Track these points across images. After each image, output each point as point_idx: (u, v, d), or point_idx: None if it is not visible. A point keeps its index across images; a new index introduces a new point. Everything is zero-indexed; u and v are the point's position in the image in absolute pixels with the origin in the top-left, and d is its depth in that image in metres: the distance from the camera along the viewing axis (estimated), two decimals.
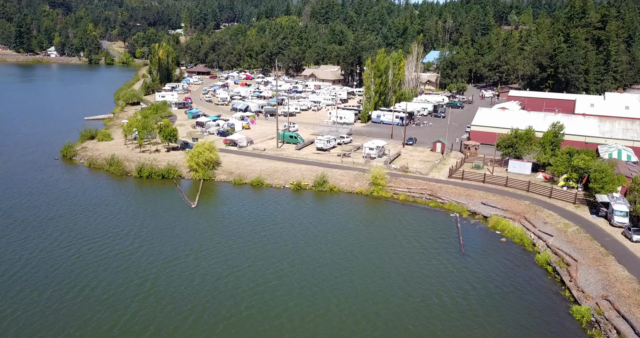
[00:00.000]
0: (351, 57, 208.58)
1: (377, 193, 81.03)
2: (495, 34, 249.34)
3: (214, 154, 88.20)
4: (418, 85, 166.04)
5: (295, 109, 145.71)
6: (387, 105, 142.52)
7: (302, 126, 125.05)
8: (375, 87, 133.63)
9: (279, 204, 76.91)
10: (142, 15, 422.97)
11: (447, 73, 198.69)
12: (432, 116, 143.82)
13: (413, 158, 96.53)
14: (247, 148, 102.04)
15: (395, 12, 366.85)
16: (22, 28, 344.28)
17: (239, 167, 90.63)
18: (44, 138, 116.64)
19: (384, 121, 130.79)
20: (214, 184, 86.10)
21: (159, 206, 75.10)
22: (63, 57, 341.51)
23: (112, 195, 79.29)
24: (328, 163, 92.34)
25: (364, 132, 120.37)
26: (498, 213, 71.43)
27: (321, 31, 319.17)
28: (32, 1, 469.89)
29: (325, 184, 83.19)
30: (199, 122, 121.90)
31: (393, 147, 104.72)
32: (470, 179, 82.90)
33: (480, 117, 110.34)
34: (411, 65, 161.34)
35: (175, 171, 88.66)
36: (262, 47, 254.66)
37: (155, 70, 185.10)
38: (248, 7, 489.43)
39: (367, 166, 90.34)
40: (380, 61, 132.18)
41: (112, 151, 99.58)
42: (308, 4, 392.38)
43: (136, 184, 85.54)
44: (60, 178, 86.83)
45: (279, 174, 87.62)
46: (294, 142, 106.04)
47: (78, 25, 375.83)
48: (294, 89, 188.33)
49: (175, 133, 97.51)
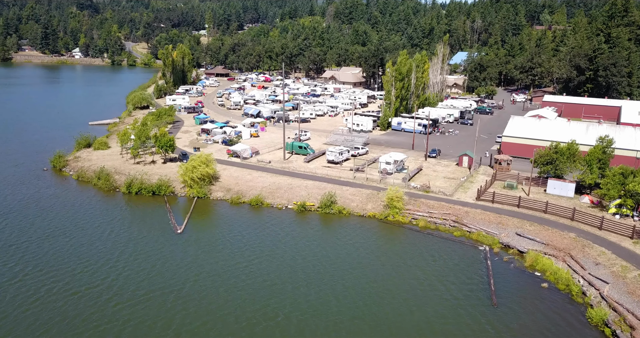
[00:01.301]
0: (373, 59, 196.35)
1: (392, 218, 69.18)
2: (527, 34, 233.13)
3: (210, 169, 77.75)
4: (443, 89, 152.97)
5: (310, 114, 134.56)
6: (409, 111, 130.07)
7: (316, 134, 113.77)
8: (396, 92, 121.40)
9: (277, 230, 65.82)
10: (166, 17, 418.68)
11: (475, 76, 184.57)
12: (459, 123, 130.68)
13: (436, 174, 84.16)
14: (251, 160, 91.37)
15: (421, 11, 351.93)
16: (47, 29, 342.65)
17: (239, 183, 79.95)
18: (41, 145, 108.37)
19: (405, 128, 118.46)
20: (208, 203, 75.59)
21: (142, 230, 64.89)
22: (87, 59, 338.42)
23: (92, 216, 69.51)
24: (339, 179, 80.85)
25: (382, 141, 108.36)
26: (537, 248, 58.74)
27: (344, 32, 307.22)
28: (61, 3, 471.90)
29: (333, 205, 71.75)
30: (205, 130, 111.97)
31: (414, 160, 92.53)
32: (502, 202, 70.21)
33: (513, 127, 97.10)
34: (436, 67, 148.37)
35: (168, 187, 78.54)
36: (282, 48, 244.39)
37: (168, 72, 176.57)
38: (272, 7, 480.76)
39: (382, 184, 78.50)
40: (402, 63, 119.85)
41: (105, 161, 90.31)
42: (332, 4, 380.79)
43: (123, 202, 75.68)
44: (43, 194, 77.63)
45: (282, 192, 76.56)
46: (303, 153, 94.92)
47: (102, 26, 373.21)
48: (311, 92, 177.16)
49: (172, 143, 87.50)
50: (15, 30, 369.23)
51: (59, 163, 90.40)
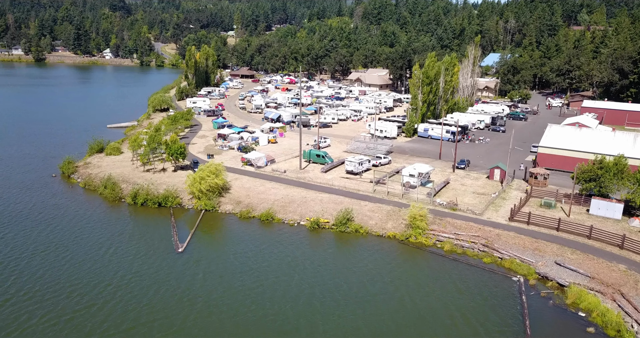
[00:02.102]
0: (401, 61, 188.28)
1: (415, 239, 62.07)
2: (563, 35, 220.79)
3: (219, 180, 72.14)
4: (474, 93, 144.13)
5: (332, 119, 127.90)
6: (436, 117, 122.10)
7: (336, 140, 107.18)
8: (424, 97, 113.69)
9: (287, 251, 59.59)
10: (195, 17, 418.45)
11: (508, 79, 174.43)
12: (490, 129, 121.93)
13: (464, 189, 76.45)
14: (265, 169, 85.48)
15: (452, 12, 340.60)
16: (80, 30, 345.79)
17: (250, 195, 74.10)
18: (57, 148, 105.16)
19: (432, 135, 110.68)
20: (216, 217, 69.96)
21: (141, 248, 59.65)
22: (117, 59, 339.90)
23: (92, 230, 64.75)
24: (357, 192, 74.10)
25: (406, 149, 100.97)
26: (581, 282, 50.82)
27: (372, 32, 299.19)
28: (94, 5, 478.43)
29: (349, 223, 65.11)
30: (221, 135, 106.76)
31: (440, 171, 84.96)
32: (539, 224, 62.23)
33: (551, 137, 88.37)
34: (467, 70, 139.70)
35: (175, 198, 73.29)
36: (308, 49, 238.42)
37: (191, 74, 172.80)
38: (300, 8, 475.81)
39: (405, 199, 71.41)
40: (430, 66, 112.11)
41: (115, 168, 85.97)
42: (360, 4, 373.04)
43: (127, 214, 70.81)
44: (47, 204, 73.46)
45: (295, 206, 70.31)
46: (321, 162, 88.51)
47: (133, 27, 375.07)
48: (335, 95, 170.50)
49: (183, 150, 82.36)
50: (50, 31, 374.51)
51: (68, 169, 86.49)
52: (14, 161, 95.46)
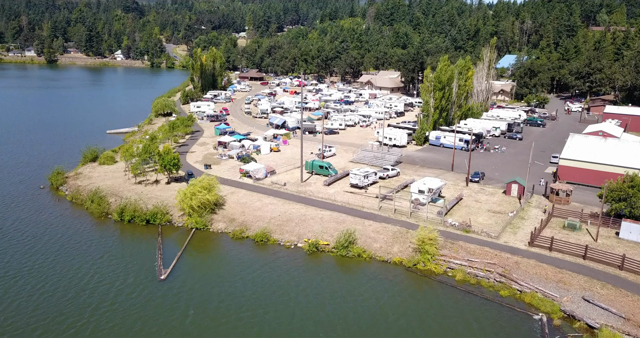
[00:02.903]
0: (413, 63, 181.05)
1: (423, 266, 55.49)
2: (582, 36, 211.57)
3: (212, 196, 66.24)
4: (489, 97, 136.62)
5: (340, 124, 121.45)
6: (449, 123, 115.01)
7: (342, 148, 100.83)
8: (436, 102, 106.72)
9: (280, 279, 53.41)
10: (207, 19, 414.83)
11: (524, 82, 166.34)
12: (506, 137, 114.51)
13: (479, 206, 69.55)
14: (264, 181, 79.44)
15: (466, 12, 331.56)
16: (92, 32, 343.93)
17: (245, 211, 68.09)
18: (51, 156, 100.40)
19: (444, 144, 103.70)
20: (206, 237, 64.06)
21: (120, 275, 53.91)
22: (128, 61, 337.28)
23: (72, 250, 59.26)
24: (361, 209, 67.69)
25: (417, 159, 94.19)
26: (614, 324, 43.86)
27: (384, 34, 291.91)
28: (108, 6, 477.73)
29: (351, 246, 58.72)
30: (221, 142, 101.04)
31: (452, 185, 78.11)
32: (563, 251, 55.24)
33: (573, 148, 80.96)
34: (481, 73, 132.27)
35: (164, 214, 67.54)
36: (318, 51, 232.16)
37: (197, 77, 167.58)
38: (313, 9, 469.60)
39: (413, 218, 64.84)
40: (443, 70, 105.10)
41: (106, 180, 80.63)
42: (373, 5, 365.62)
43: (112, 232, 65.24)
44: (29, 220, 68.18)
45: (293, 225, 64.12)
46: (324, 173, 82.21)
47: (144, 29, 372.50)
48: (344, 98, 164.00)
49: (176, 162, 76.64)
50: (64, 32, 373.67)
51: (56, 180, 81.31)
52: (5, 170, 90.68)
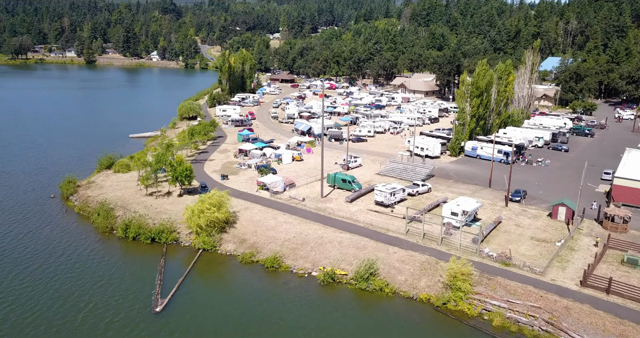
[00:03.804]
0: (449, 66, 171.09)
1: (455, 305, 47.58)
2: (633, 37, 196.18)
3: (221, 214, 60.07)
4: (531, 104, 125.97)
5: (369, 131, 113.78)
6: (487, 132, 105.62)
7: (369, 158, 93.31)
8: (472, 110, 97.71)
9: (290, 315, 46.54)
10: (242, 20, 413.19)
11: (569, 86, 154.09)
12: (550, 148, 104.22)
13: (520, 232, 60.83)
14: (282, 195, 72.82)
15: (506, 12, 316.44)
16: (129, 33, 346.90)
17: (257, 231, 61.65)
18: (71, 162, 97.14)
19: (481, 155, 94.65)
20: (213, 260, 57.91)
21: (115, 302, 48.33)
22: (163, 61, 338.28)
23: (70, 273, 54.16)
24: (385, 233, 60.15)
25: (450, 172, 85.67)
26: None
27: (420, 35, 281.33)
28: (147, 8, 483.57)
29: (372, 278, 51.32)
30: (242, 150, 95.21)
31: (490, 205, 69.49)
32: (623, 295, 46.24)
33: (630, 165, 70.91)
34: (523, 78, 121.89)
35: (171, 232, 61.88)
36: (350, 52, 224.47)
37: (225, 79, 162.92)
38: (348, 10, 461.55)
39: (444, 245, 56.87)
40: (481, 75, 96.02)
41: (117, 190, 75.87)
42: (409, 5, 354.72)
43: (114, 251, 59.97)
44: (34, 235, 63.58)
45: (308, 249, 57.21)
46: (347, 188, 74.95)
47: (180, 30, 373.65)
48: (375, 103, 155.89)
49: (189, 173, 70.99)
50: (103, 33, 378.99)
51: (67, 189, 77.09)
52: (21, 176, 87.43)
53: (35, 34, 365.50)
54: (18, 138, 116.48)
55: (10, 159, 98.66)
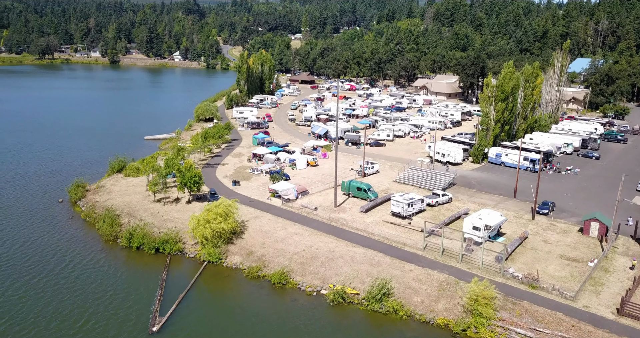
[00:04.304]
0: (472, 67, 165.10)
1: (475, 332, 43.25)
2: None
3: (228, 224, 56.82)
4: (559, 107, 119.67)
5: (388, 135, 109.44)
6: (512, 138, 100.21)
7: (387, 164, 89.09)
8: (497, 115, 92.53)
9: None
10: (264, 20, 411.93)
11: (600, 89, 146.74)
12: (579, 155, 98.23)
13: (549, 249, 55.96)
14: (294, 204, 69.26)
15: (533, 12, 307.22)
16: (152, 33, 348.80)
17: (266, 243, 58.22)
18: (81, 165, 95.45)
19: (505, 162, 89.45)
20: (218, 273, 54.66)
21: (113, 320, 45.48)
22: (185, 62, 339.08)
23: (70, 286, 51.60)
24: (402, 248, 56.04)
25: (473, 181, 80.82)
26: None
27: (443, 35, 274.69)
28: (171, 9, 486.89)
29: (386, 299, 47.31)
30: (256, 154, 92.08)
31: (515, 218, 64.66)
32: None
33: None
34: (551, 81, 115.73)
35: (176, 242, 58.91)
36: (372, 53, 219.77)
37: (243, 80, 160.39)
38: (370, 10, 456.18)
39: (465, 263, 52.46)
40: (506, 78, 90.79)
41: (126, 195, 73.50)
42: (432, 5, 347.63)
43: (117, 262, 57.23)
44: (38, 244, 61.43)
45: (318, 264, 53.49)
46: (362, 197, 70.95)
47: (202, 30, 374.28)
48: (396, 105, 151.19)
49: (197, 180, 68.04)
50: (128, 34, 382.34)
51: (75, 194, 75.01)
52: (32, 179, 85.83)
53: (62, 35, 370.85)
54: (37, 139, 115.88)
55: (26, 160, 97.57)
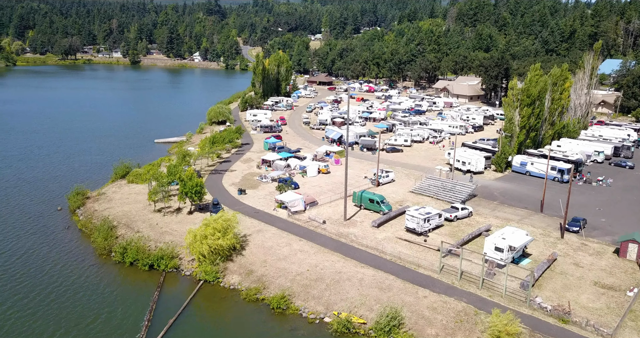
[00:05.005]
0: (496, 69, 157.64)
1: None
2: None
3: (226, 241, 52.22)
4: (589, 112, 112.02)
5: (405, 140, 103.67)
6: (538, 145, 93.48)
7: (404, 172, 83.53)
8: (522, 120, 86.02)
9: None
10: (285, 21, 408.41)
11: (632, 92, 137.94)
12: (611, 163, 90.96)
13: (580, 274, 49.82)
14: (301, 216, 64.37)
15: (560, 11, 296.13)
16: (173, 34, 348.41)
17: (267, 261, 53.45)
18: (88, 169, 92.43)
19: (531, 171, 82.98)
20: (214, 294, 50.06)
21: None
22: (205, 62, 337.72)
23: (56, 307, 47.74)
24: (416, 269, 50.64)
25: (495, 192, 74.69)
26: None
27: (466, 35, 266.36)
28: (193, 9, 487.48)
29: (396, 331, 42.03)
30: (265, 161, 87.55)
31: (542, 234, 58.59)
32: None
33: None
34: (581, 84, 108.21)
35: (171, 258, 54.59)
36: (392, 54, 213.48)
37: (258, 82, 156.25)
38: (392, 10, 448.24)
39: (485, 290, 46.78)
40: (533, 81, 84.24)
41: (126, 203, 69.77)
42: (455, 5, 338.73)
43: (109, 279, 53.12)
44: (29, 257, 57.87)
45: (323, 287, 48.46)
46: (375, 209, 65.63)
47: (222, 31, 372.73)
48: (415, 108, 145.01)
49: (199, 189, 63.75)
50: (150, 34, 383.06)
51: (75, 201, 71.49)
52: (36, 184, 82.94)
53: (85, 35, 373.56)
54: (48, 141, 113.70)
55: (33, 164, 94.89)
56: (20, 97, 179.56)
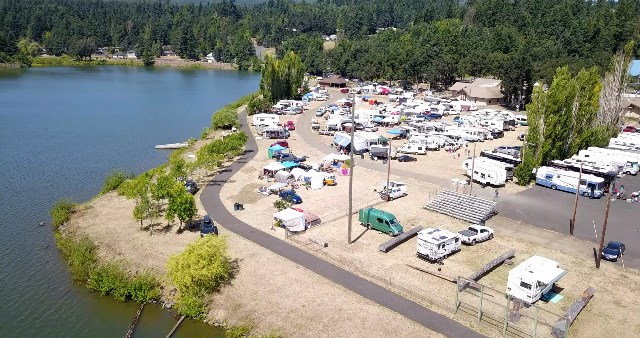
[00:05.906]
0: (516, 70, 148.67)
1: None
2: None
3: (211, 270, 45.58)
4: (619, 118, 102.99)
5: (419, 148, 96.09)
6: (564, 154, 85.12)
7: (417, 184, 76.11)
8: (548, 129, 77.83)
9: None
10: (299, 21, 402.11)
11: None
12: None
13: (623, 315, 41.95)
14: (301, 237, 57.48)
15: (583, 11, 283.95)
16: (186, 35, 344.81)
17: (258, 293, 46.65)
18: (83, 178, 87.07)
19: (557, 185, 74.81)
20: (195, 333, 43.36)
21: None
22: (218, 63, 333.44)
23: None
24: (428, 307, 43.35)
25: (518, 209, 66.82)
26: None
27: (484, 35, 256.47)
28: (208, 10, 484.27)
29: None
30: (267, 170, 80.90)
31: (573, 263, 50.76)
32: None
33: None
34: (610, 88, 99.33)
35: (151, 288, 48.11)
36: (407, 55, 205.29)
37: (267, 84, 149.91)
38: (408, 10, 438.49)
39: (509, 335, 39.29)
40: (559, 86, 76.02)
41: (113, 219, 63.79)
42: (473, 4, 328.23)
43: (79, 310, 46.86)
44: (3, 284, 52.41)
45: (320, 328, 41.48)
46: (384, 230, 58.43)
47: (236, 31, 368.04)
48: (431, 111, 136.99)
49: (189, 206, 57.33)
50: (164, 35, 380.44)
51: (59, 216, 65.68)
52: (25, 196, 77.31)
53: (100, 36, 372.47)
54: (47, 147, 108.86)
55: (24, 173, 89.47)
56: (31, 99, 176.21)
